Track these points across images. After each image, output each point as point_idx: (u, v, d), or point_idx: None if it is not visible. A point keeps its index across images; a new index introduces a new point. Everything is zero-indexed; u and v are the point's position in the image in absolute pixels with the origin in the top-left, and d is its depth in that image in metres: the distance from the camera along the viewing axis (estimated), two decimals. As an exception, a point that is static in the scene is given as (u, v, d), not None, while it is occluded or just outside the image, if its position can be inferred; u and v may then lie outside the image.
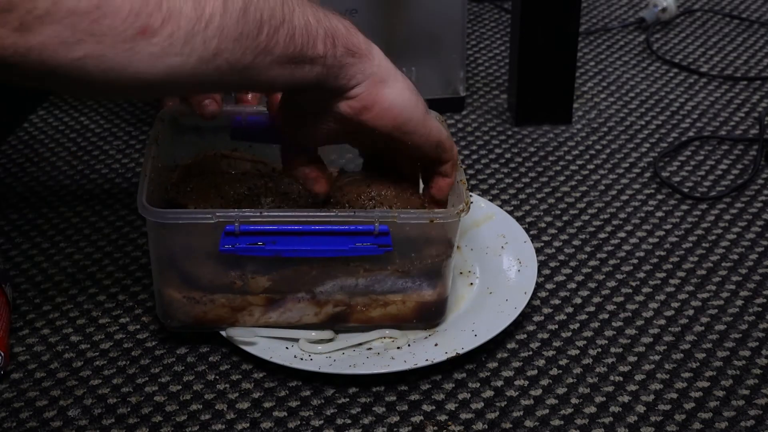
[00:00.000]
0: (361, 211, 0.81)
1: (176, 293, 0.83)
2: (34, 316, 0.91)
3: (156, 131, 0.90)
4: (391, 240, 0.80)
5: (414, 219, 0.81)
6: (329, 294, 0.84)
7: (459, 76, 1.21)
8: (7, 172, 1.13)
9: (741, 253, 1.00)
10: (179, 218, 0.80)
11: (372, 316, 0.85)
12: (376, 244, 0.80)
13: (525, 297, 0.89)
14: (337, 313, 0.85)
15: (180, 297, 0.83)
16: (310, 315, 0.85)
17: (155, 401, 0.82)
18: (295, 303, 0.84)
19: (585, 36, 1.43)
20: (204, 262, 0.82)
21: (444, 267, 0.84)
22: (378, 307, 0.85)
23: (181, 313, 0.84)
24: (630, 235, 1.02)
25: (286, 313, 0.84)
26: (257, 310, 0.84)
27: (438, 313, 0.87)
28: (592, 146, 1.17)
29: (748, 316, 0.92)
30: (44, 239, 1.01)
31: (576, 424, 0.80)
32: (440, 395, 0.83)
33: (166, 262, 0.83)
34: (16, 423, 0.80)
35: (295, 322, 0.85)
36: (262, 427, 0.80)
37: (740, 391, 0.83)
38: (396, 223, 0.80)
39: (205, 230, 0.79)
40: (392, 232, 0.80)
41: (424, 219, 0.81)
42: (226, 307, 0.84)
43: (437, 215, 0.81)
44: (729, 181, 1.11)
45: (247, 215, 0.79)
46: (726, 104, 1.26)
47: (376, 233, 0.79)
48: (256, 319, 0.85)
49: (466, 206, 0.82)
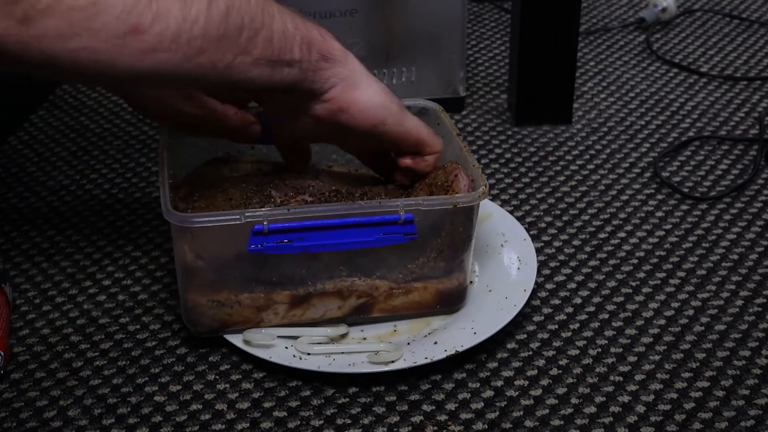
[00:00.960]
0: (386, 201, 0.82)
1: (201, 298, 0.83)
2: (34, 316, 0.91)
3: (164, 137, 0.90)
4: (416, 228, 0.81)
5: (438, 204, 0.81)
6: (352, 287, 0.84)
7: (459, 76, 1.21)
8: (7, 172, 1.13)
9: (741, 253, 1.00)
10: (207, 221, 0.78)
11: (395, 304, 0.86)
12: (402, 233, 0.81)
13: (525, 295, 0.89)
14: (360, 304, 0.85)
15: (205, 301, 0.83)
16: (334, 309, 0.85)
17: (155, 401, 0.82)
18: (319, 298, 0.84)
19: (585, 36, 1.43)
20: (230, 263, 0.81)
21: (465, 251, 0.85)
22: (400, 295, 0.86)
23: (207, 317, 0.84)
24: (630, 235, 1.02)
25: (311, 309, 0.85)
26: (282, 308, 0.84)
27: (460, 298, 0.88)
28: (592, 146, 1.17)
29: (748, 316, 0.92)
30: (44, 239, 1.01)
31: (576, 424, 0.80)
32: (440, 395, 0.83)
33: (190, 267, 0.82)
34: (16, 423, 0.80)
35: (318, 318, 0.85)
36: (262, 427, 0.80)
37: (740, 391, 0.83)
38: (420, 210, 0.81)
39: (232, 232, 0.79)
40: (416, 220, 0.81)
41: (448, 204, 0.81)
42: (251, 308, 0.83)
43: (460, 200, 0.82)
44: (729, 181, 1.11)
45: (276, 213, 0.79)
46: (726, 104, 1.26)
47: (402, 222, 0.80)
48: (281, 318, 0.85)
49: (486, 189, 0.82)
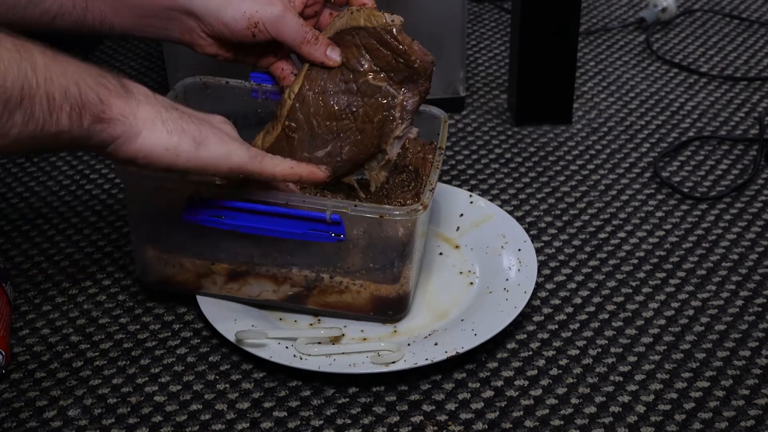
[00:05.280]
0: (312, 198, 0.84)
1: (150, 251, 0.89)
2: (34, 316, 0.91)
3: None
4: (345, 230, 0.82)
5: (365, 213, 0.82)
6: (287, 274, 0.86)
7: (459, 76, 1.21)
8: (7, 172, 1.13)
9: (741, 253, 1.00)
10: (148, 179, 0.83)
11: (328, 301, 0.87)
12: (330, 232, 0.82)
13: (525, 296, 0.89)
14: (295, 293, 0.88)
15: (152, 255, 0.89)
16: (269, 292, 0.88)
17: (155, 401, 0.82)
18: (255, 277, 0.87)
19: (585, 36, 1.43)
20: (172, 226, 0.86)
21: (403, 262, 0.85)
22: (334, 293, 0.87)
23: (154, 270, 0.89)
24: (630, 235, 1.02)
25: (246, 286, 0.88)
26: (220, 279, 0.88)
27: (397, 308, 0.88)
28: (592, 146, 1.17)
29: (748, 316, 0.92)
30: (44, 239, 1.01)
31: (576, 424, 0.80)
32: (440, 395, 0.83)
33: (139, 221, 0.89)
34: (16, 423, 0.80)
35: (255, 296, 0.88)
36: (262, 427, 0.80)
37: (740, 391, 0.83)
38: (348, 214, 0.82)
39: (171, 195, 0.83)
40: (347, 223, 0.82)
41: (375, 214, 0.82)
42: (192, 272, 0.88)
43: (390, 211, 0.82)
44: (729, 181, 1.11)
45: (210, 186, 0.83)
46: (726, 104, 1.26)
47: (329, 221, 0.82)
48: (219, 288, 0.88)
49: (423, 207, 0.82)
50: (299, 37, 0.87)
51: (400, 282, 0.86)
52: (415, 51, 0.87)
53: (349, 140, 0.90)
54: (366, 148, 0.90)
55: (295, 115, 0.89)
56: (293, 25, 0.87)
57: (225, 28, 0.86)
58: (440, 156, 0.89)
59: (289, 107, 0.89)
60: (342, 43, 0.89)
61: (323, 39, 0.88)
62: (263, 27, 0.86)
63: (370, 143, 0.90)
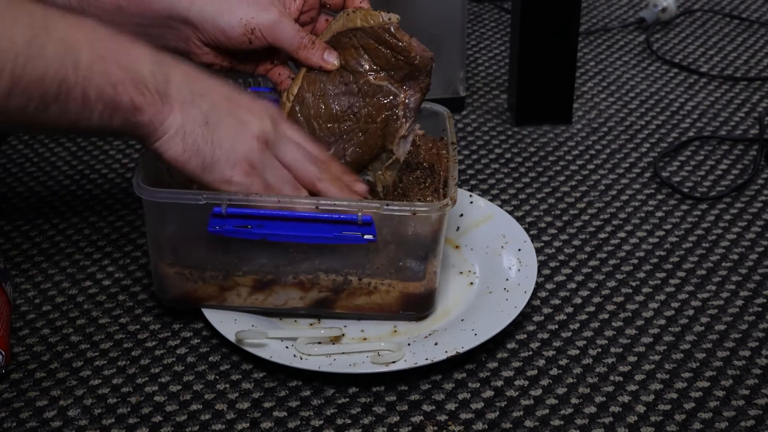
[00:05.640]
0: (342, 201, 0.83)
1: (169, 269, 0.86)
2: (34, 316, 0.91)
3: None
4: (375, 230, 0.82)
5: (397, 211, 0.82)
6: (315, 280, 0.85)
7: (459, 76, 1.21)
8: (7, 172, 1.13)
9: (741, 253, 1.00)
10: (170, 198, 0.83)
11: (357, 303, 0.87)
12: (360, 234, 0.82)
13: (525, 296, 0.89)
14: (322, 298, 0.87)
15: (172, 273, 0.86)
16: (296, 299, 0.87)
17: (155, 401, 0.82)
18: (281, 286, 0.86)
19: (585, 36, 1.43)
20: (195, 240, 0.85)
21: (430, 258, 0.85)
22: (362, 295, 0.86)
23: (174, 288, 0.87)
24: (630, 235, 1.02)
25: (273, 295, 0.87)
26: (244, 290, 0.86)
27: (425, 305, 0.88)
28: (592, 146, 1.17)
29: (748, 316, 0.92)
30: (44, 239, 1.01)
31: (576, 424, 0.80)
32: (440, 395, 0.83)
33: (159, 239, 0.86)
34: (16, 423, 0.80)
35: (281, 305, 0.87)
36: (262, 427, 0.80)
37: (740, 391, 0.83)
38: (379, 214, 0.82)
39: (195, 211, 0.82)
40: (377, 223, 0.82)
41: (407, 212, 0.82)
42: (215, 286, 0.86)
43: (420, 209, 0.82)
44: (729, 181, 1.11)
45: (235, 198, 0.81)
46: (726, 104, 1.26)
47: (360, 222, 0.81)
48: (243, 300, 0.87)
49: (452, 201, 0.83)
50: (296, 42, 0.87)
51: (427, 278, 0.86)
52: (414, 47, 0.87)
53: (352, 142, 0.90)
54: (370, 149, 0.90)
55: (295, 117, 0.89)
56: (290, 31, 0.87)
57: (222, 36, 0.86)
58: (454, 150, 0.89)
59: (289, 109, 0.89)
60: (340, 46, 0.89)
61: (320, 43, 0.88)
62: (260, 33, 0.86)
63: (374, 144, 0.90)
